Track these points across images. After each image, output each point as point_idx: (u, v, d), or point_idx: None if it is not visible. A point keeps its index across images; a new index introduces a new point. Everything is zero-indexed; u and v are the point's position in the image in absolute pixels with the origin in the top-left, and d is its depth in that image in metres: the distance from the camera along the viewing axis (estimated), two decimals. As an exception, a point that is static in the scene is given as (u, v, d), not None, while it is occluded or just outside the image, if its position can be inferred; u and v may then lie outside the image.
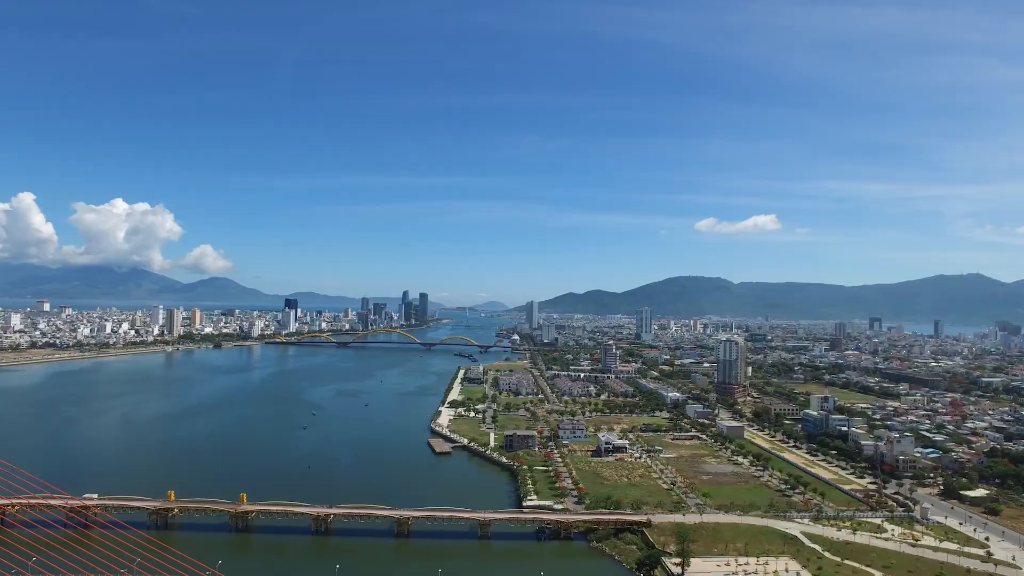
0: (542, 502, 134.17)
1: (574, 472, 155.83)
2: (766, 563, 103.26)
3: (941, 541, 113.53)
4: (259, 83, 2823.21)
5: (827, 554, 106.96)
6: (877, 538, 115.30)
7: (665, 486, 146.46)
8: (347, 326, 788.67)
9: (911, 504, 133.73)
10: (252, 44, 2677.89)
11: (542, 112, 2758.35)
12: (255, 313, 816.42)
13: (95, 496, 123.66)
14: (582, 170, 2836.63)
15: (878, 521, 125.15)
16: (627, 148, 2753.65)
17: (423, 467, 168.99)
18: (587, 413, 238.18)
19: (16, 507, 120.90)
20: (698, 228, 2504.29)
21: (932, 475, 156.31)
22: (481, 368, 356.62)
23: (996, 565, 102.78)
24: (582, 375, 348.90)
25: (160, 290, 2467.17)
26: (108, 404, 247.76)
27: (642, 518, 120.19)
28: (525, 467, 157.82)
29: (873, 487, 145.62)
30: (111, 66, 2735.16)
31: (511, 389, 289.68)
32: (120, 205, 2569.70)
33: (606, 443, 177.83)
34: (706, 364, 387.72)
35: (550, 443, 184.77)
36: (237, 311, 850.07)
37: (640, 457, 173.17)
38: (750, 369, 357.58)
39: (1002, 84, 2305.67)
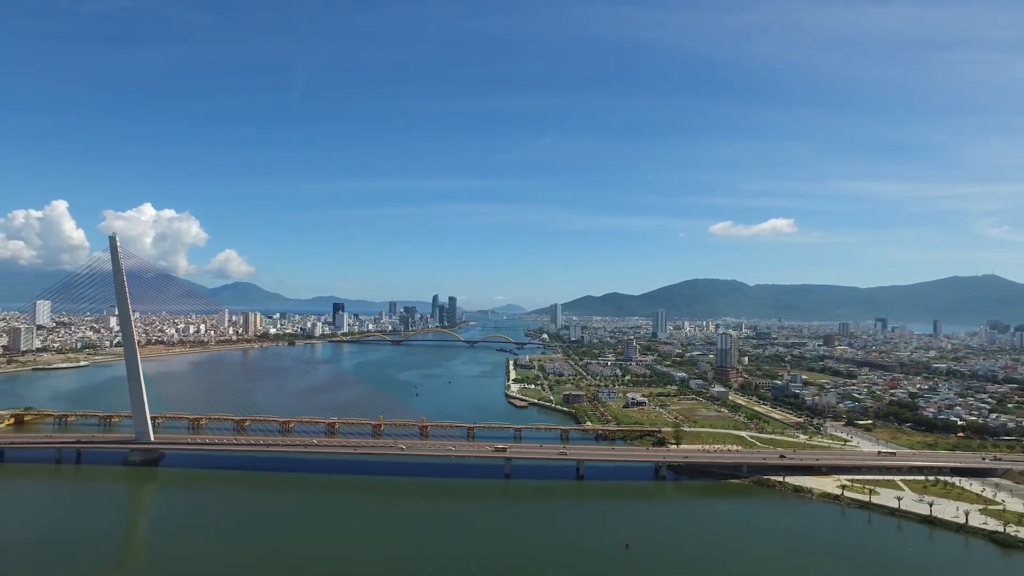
0: (595, 425, 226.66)
1: (611, 414, 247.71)
2: (723, 446, 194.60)
3: (824, 439, 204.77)
4: (276, 90, 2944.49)
5: (758, 444, 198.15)
6: (790, 439, 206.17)
7: (670, 420, 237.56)
8: (390, 327, 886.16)
9: (820, 427, 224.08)
10: (269, 51, 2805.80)
11: (555, 115, 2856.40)
12: (297, 316, 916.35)
13: (336, 418, 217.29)
14: (597, 171, 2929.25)
15: (795, 433, 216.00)
16: (642, 150, 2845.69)
17: (511, 414, 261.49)
18: (615, 386, 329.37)
19: (292, 423, 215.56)
20: (713, 231, 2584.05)
21: (845, 415, 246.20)
22: (527, 358, 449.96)
23: (845, 446, 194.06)
24: (609, 363, 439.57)
25: (185, 295, 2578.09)
26: (274, 382, 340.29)
27: (655, 429, 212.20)
28: (581, 411, 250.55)
29: (801, 420, 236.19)
30: (135, 76, 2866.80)
31: (555, 372, 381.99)
32: (148, 211, 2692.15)
33: (632, 399, 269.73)
34: (711, 356, 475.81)
35: (593, 400, 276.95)
36: (283, 314, 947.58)
37: (655, 408, 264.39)
38: (746, 359, 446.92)
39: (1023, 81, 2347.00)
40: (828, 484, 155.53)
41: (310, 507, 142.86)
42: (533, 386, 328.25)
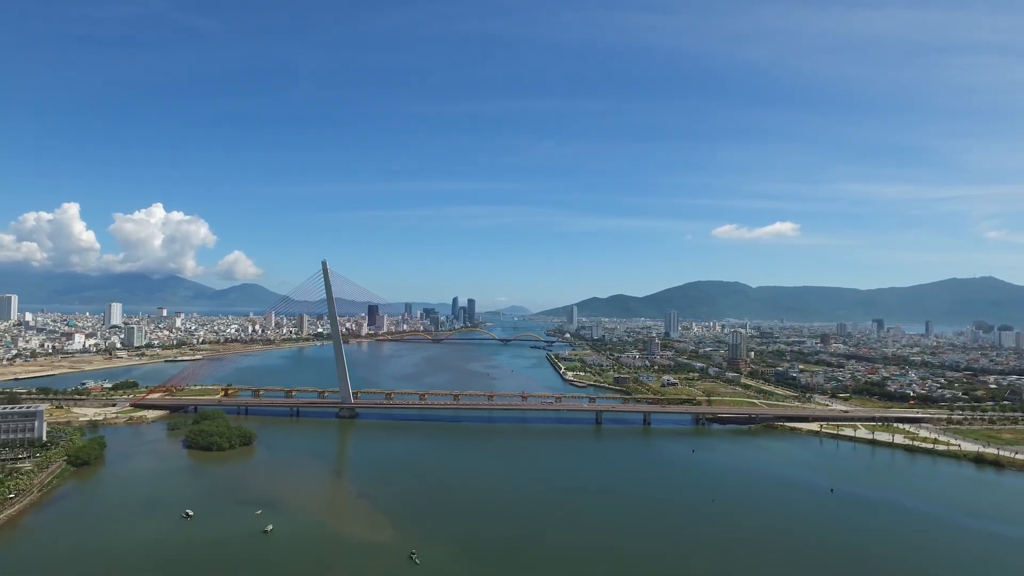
0: (645, 395, 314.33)
1: (653, 390, 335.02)
2: (738, 403, 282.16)
3: (811, 404, 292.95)
4: (281, 92, 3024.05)
5: (764, 406, 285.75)
6: (787, 405, 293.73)
7: (700, 393, 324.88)
8: (421, 327, 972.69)
9: (810, 398, 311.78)
10: (272, 54, 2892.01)
11: (557, 118, 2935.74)
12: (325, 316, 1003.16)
13: (458, 391, 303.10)
14: (600, 174, 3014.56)
15: (791, 401, 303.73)
16: (645, 153, 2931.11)
17: (574, 392, 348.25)
18: (650, 373, 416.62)
19: (426, 395, 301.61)
20: (716, 234, 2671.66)
21: (829, 391, 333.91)
22: (567, 352, 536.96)
23: (826, 408, 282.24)
24: (636, 357, 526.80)
25: (194, 296, 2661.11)
26: (369, 370, 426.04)
27: (691, 397, 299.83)
28: (629, 388, 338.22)
29: (796, 394, 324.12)
30: (143, 80, 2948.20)
31: (596, 364, 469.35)
32: (158, 213, 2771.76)
33: (666, 380, 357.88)
34: (721, 351, 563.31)
35: (636, 381, 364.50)
36: (320, 316, 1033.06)
37: (684, 387, 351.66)
38: (752, 354, 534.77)
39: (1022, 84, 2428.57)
40: (812, 426, 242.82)
41: (453, 443, 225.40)
42: (582, 373, 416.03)
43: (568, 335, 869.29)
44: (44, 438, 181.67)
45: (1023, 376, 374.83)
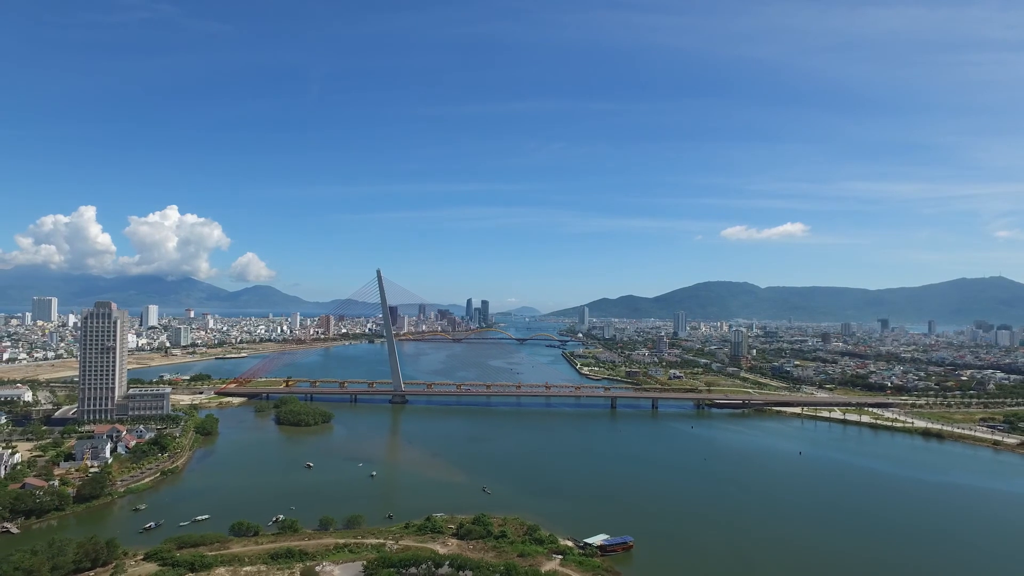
0: (654, 386, 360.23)
1: (661, 383, 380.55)
2: (735, 392, 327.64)
3: (799, 393, 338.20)
4: (292, 96, 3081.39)
5: (757, 394, 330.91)
6: (778, 393, 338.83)
7: (702, 385, 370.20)
8: (438, 328, 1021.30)
9: (799, 388, 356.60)
10: (283, 59, 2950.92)
11: (566, 119, 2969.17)
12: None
13: (490, 382, 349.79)
14: (609, 175, 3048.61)
15: (782, 391, 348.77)
16: (653, 153, 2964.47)
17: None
18: (659, 368, 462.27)
19: (463, 386, 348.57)
20: (725, 235, 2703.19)
21: (818, 382, 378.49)
22: (581, 350, 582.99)
23: (813, 395, 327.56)
24: (645, 355, 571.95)
25: (207, 298, 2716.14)
26: (405, 366, 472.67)
27: (693, 387, 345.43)
28: (640, 380, 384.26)
29: (787, 385, 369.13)
30: (157, 84, 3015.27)
31: (609, 360, 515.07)
32: (172, 215, 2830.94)
33: (673, 374, 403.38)
34: (726, 350, 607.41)
35: (646, 375, 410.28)
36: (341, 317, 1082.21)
37: (689, 380, 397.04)
38: (755, 352, 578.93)
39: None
40: (796, 410, 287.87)
41: (490, 423, 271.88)
42: (597, 368, 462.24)
43: (580, 335, 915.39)
44: (169, 414, 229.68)
45: (997, 370, 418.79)
